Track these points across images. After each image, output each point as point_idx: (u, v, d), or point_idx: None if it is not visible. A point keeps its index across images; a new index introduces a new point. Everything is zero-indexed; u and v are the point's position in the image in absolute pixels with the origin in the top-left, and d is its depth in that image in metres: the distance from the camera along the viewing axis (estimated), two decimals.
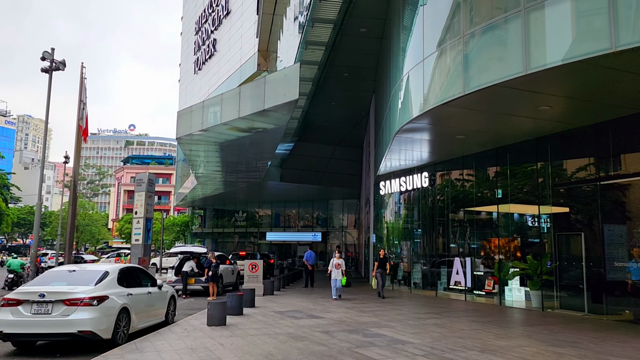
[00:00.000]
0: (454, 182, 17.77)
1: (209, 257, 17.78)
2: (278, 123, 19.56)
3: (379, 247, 20.44)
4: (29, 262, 33.94)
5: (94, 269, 9.18)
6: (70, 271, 9.15)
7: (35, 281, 9.08)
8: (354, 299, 16.13)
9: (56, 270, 9.35)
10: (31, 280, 25.20)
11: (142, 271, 10.69)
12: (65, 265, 9.85)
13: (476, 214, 16.81)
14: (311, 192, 41.11)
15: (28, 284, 8.86)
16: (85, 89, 27.64)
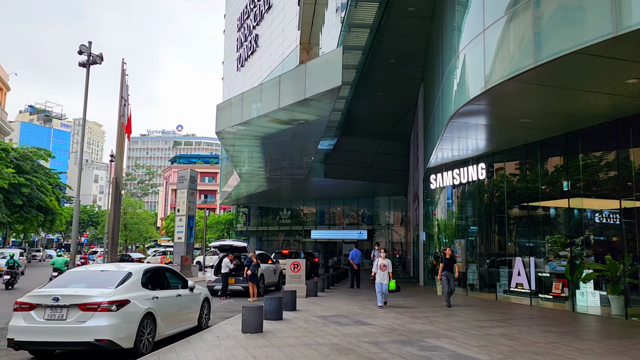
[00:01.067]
0: (514, 174, 16.09)
1: (249, 255, 16.88)
2: (320, 114, 18.40)
3: (444, 245, 18.92)
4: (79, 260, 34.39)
5: (117, 269, 8.31)
6: (92, 272, 8.33)
7: (53, 283, 8.30)
8: (404, 303, 14.76)
9: (77, 271, 8.55)
10: None
11: (172, 272, 9.78)
12: (89, 266, 9.04)
13: (541, 209, 15.09)
14: (356, 188, 39.80)
15: (45, 286, 8.08)
16: (126, 86, 27.43)
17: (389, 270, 13.37)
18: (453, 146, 15.33)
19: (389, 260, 13.63)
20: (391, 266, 13.53)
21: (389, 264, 13.48)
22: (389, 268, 13.39)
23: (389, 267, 13.40)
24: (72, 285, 7.71)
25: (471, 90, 10.70)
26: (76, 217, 17.44)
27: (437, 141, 14.86)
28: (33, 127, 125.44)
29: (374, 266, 13.59)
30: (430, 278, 21.07)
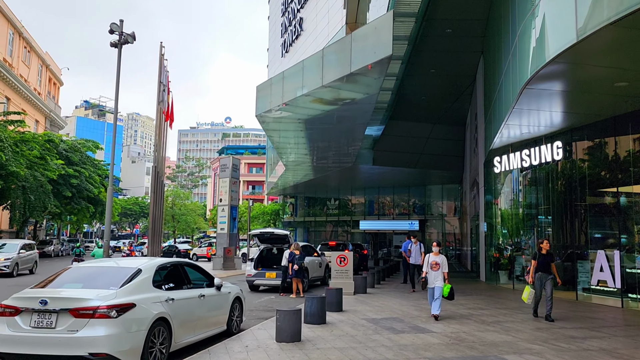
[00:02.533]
0: (596, 154, 13.76)
1: (291, 249, 15.39)
2: (368, 91, 16.64)
3: (541, 237, 16.50)
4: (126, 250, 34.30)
5: (125, 265, 6.92)
6: (97, 269, 6.98)
7: (55, 282, 6.99)
8: (468, 303, 12.83)
9: (80, 268, 7.21)
10: None
11: (194, 267, 8.33)
12: (92, 261, 7.71)
13: (631, 196, 12.74)
14: (407, 176, 37.70)
15: (36, 285, 6.78)
16: (166, 71, 26.50)
17: (444, 270, 10.13)
18: (523, 121, 13.17)
19: (444, 257, 10.33)
20: (446, 264, 10.26)
21: (443, 262, 10.20)
22: (444, 267, 10.16)
23: (443, 265, 10.16)
24: (67, 285, 6.38)
25: (553, 47, 8.64)
26: (109, 207, 16.48)
27: (505, 116, 12.77)
28: (88, 122, 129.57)
29: (425, 264, 10.46)
30: (493, 273, 18.94)
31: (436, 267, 10.10)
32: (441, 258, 10.23)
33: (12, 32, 49.69)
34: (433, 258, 10.20)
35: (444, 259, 10.25)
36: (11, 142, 27.52)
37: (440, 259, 10.18)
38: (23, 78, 51.24)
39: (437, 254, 10.35)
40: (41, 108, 54.89)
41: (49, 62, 60.11)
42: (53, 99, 62.66)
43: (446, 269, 10.16)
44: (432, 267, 10.14)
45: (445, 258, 10.31)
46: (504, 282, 17.86)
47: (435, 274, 10.09)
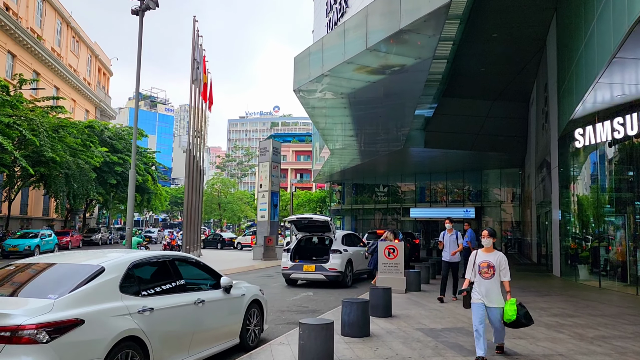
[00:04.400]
0: None
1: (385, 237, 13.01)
2: (421, 55, 14.21)
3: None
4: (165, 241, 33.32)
5: (86, 262, 5.00)
6: (50, 266, 5.07)
7: None
8: (549, 307, 10.32)
9: (27, 263, 5.30)
10: None
11: (193, 264, 6.37)
12: (46, 255, 5.76)
13: None
14: (461, 160, 34.70)
15: None
16: (201, 49, 24.88)
17: (505, 278, 6.14)
18: (625, 77, 10.41)
19: (502, 256, 6.25)
20: (507, 267, 6.19)
21: (500, 263, 6.16)
22: (504, 273, 6.14)
23: (501, 269, 6.15)
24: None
25: None
26: (131, 191, 14.94)
27: (598, 73, 10.09)
28: (140, 112, 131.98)
29: (469, 268, 6.28)
30: (571, 267, 16.17)
31: (489, 272, 6.06)
32: (497, 257, 6.16)
33: (60, 22, 49.91)
34: (483, 257, 6.16)
35: (503, 259, 6.15)
36: (48, 128, 26.78)
37: (495, 258, 6.13)
38: (72, 68, 51.55)
39: (491, 249, 6.26)
40: (91, 98, 55.22)
41: (97, 52, 60.46)
42: (103, 89, 63.15)
43: (508, 275, 6.09)
44: (483, 272, 6.07)
45: (505, 257, 6.21)
46: (584, 278, 15.09)
47: (489, 283, 6.03)
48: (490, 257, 6.17)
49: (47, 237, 27.11)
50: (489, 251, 6.25)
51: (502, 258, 6.17)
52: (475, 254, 6.27)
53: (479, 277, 6.09)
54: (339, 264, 13.89)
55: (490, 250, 6.25)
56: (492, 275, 6.06)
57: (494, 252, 6.25)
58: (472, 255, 6.29)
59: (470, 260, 6.28)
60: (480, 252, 6.28)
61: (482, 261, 6.13)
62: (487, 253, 6.23)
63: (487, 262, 6.11)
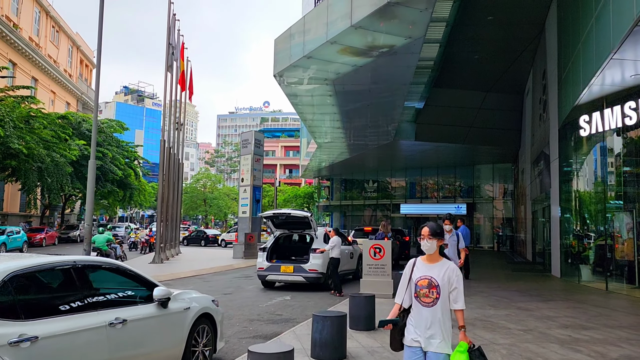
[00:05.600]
0: None
1: (381, 231, 12.16)
2: (411, 34, 12.89)
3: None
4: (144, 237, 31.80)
5: None
6: None
7: None
8: (555, 315, 9.05)
9: None
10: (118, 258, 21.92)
11: (115, 271, 4.96)
12: None
13: None
14: (452, 154, 33.53)
15: None
16: (179, 33, 23.36)
17: (458, 306, 3.61)
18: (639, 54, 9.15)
19: (454, 268, 3.67)
20: (461, 289, 3.62)
21: (451, 281, 3.61)
22: (456, 298, 3.60)
23: (452, 290, 3.61)
24: None
25: None
26: (91, 184, 13.50)
27: (615, 47, 8.81)
28: (127, 107, 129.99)
29: (401, 288, 3.78)
30: (572, 267, 14.97)
31: (430, 295, 3.60)
32: (445, 270, 3.64)
33: (39, 11, 47.96)
34: (423, 271, 3.69)
35: (454, 273, 3.64)
36: (15, 118, 25.16)
37: (442, 273, 3.63)
38: (52, 59, 49.63)
39: (435, 257, 3.72)
40: (72, 90, 53.33)
41: (79, 43, 58.49)
42: (85, 81, 61.21)
43: (461, 301, 3.61)
44: (422, 294, 3.62)
45: (458, 271, 3.70)
46: (588, 280, 13.89)
47: (430, 313, 3.59)
48: (433, 270, 3.62)
49: (14, 235, 25.48)
50: (432, 261, 3.67)
51: (452, 272, 3.60)
52: (413, 265, 3.75)
53: (416, 303, 3.61)
54: (320, 265, 12.56)
55: (435, 260, 3.67)
56: (436, 301, 3.55)
57: (441, 262, 3.68)
58: (408, 267, 3.77)
59: (405, 274, 3.77)
60: (419, 261, 3.73)
61: (420, 277, 3.62)
62: (430, 264, 3.66)
63: (429, 280, 3.58)
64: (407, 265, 3.81)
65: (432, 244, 3.64)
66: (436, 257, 3.69)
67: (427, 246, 3.66)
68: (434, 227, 3.70)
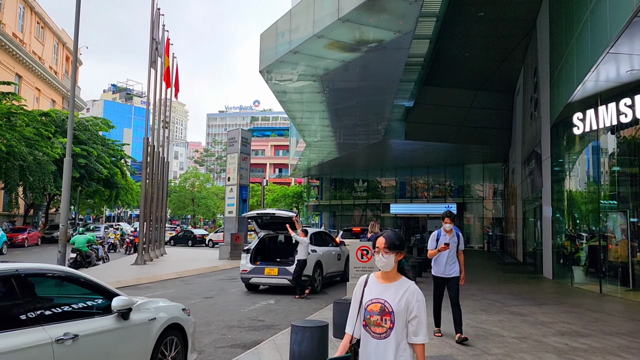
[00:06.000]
0: None
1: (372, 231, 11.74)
2: (401, 28, 12.47)
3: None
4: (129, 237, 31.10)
5: None
6: None
7: None
8: (549, 321, 8.67)
9: None
10: (98, 260, 21.29)
11: (65, 280, 4.45)
12: None
13: None
14: (443, 153, 33.23)
15: None
16: (164, 28, 22.79)
17: (418, 340, 2.79)
18: (635, 47, 8.78)
19: (414, 290, 2.85)
20: (423, 317, 2.80)
21: (410, 306, 2.80)
22: (417, 329, 2.79)
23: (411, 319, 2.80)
24: None
25: None
26: (66, 181, 12.92)
27: (612, 40, 8.44)
28: (115, 105, 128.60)
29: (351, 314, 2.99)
30: (565, 268, 14.64)
31: (383, 324, 2.79)
32: (403, 294, 2.83)
33: (23, 6, 46.99)
34: (376, 292, 2.89)
35: (414, 297, 2.82)
36: None
37: (398, 297, 2.82)
38: (36, 55, 48.68)
39: (392, 276, 2.93)
40: (57, 87, 52.38)
41: (65, 39, 57.46)
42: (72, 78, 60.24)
43: (422, 333, 2.79)
44: (372, 323, 2.82)
45: (419, 293, 2.86)
46: (580, 281, 13.57)
47: (382, 347, 2.78)
48: (388, 292, 2.85)
49: None
50: (387, 279, 2.90)
51: (412, 296, 2.81)
52: (364, 284, 2.97)
53: (365, 334, 2.85)
54: None
55: (391, 278, 2.90)
56: (389, 332, 2.76)
57: (399, 282, 2.88)
58: (359, 286, 2.99)
59: (355, 295, 2.99)
60: (372, 280, 2.97)
61: (372, 300, 2.86)
62: (385, 283, 2.90)
63: (381, 304, 2.81)
64: (357, 283, 3.01)
65: (388, 260, 2.86)
66: (393, 276, 2.90)
67: (383, 262, 2.86)
68: (392, 237, 2.92)
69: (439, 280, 7.30)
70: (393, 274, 2.91)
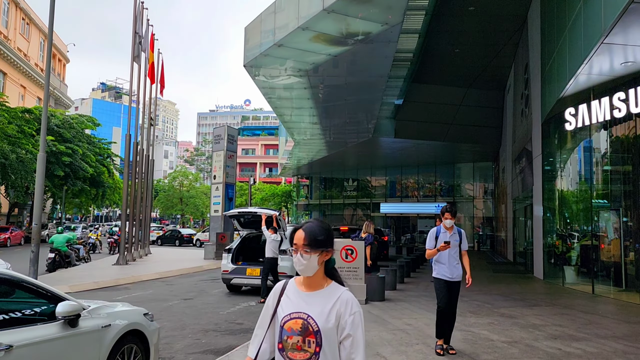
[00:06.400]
0: None
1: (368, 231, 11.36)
2: (388, 20, 12.07)
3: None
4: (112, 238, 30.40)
5: None
6: None
7: None
8: (543, 323, 8.30)
9: None
10: (78, 260, 20.69)
11: (5, 283, 3.99)
12: None
13: None
14: (433, 152, 32.90)
15: None
16: (148, 23, 22.24)
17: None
18: (629, 38, 8.43)
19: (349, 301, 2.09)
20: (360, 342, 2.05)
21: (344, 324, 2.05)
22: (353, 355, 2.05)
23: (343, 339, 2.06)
24: None
25: None
26: (39, 179, 12.35)
27: (606, 29, 8.08)
28: (104, 104, 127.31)
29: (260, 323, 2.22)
30: (556, 268, 14.31)
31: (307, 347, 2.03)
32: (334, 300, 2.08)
33: (7, 2, 46.10)
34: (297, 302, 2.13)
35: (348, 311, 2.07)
36: None
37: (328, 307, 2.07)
38: (22, 52, 47.79)
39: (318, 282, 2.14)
40: (43, 84, 51.48)
41: None
42: (58, 76, 59.26)
43: (359, 352, 2.04)
44: (289, 346, 2.05)
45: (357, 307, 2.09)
46: (572, 282, 13.24)
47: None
48: (312, 304, 2.10)
49: None
50: (311, 287, 2.14)
51: (345, 307, 2.08)
52: (280, 292, 2.20)
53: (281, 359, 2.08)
54: (289, 267, 11.64)
55: (316, 285, 2.14)
56: (315, 357, 2.02)
57: (328, 289, 2.14)
58: (274, 294, 2.21)
59: (267, 307, 2.21)
60: (292, 286, 2.20)
61: (290, 315, 2.10)
62: (308, 292, 2.14)
63: (303, 321, 2.07)
64: (272, 291, 2.22)
65: (310, 261, 2.06)
66: (319, 281, 2.12)
67: (302, 264, 2.06)
68: (315, 230, 2.10)
69: (442, 283, 6.35)
70: (318, 279, 2.12)
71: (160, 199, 55.90)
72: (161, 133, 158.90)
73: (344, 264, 9.95)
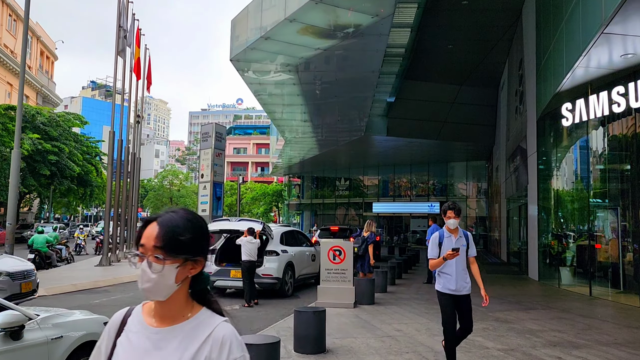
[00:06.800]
0: None
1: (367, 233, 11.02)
2: (379, 12, 11.61)
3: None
4: None
5: None
6: None
7: None
8: (540, 328, 7.86)
9: None
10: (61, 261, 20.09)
11: None
12: None
13: None
14: (426, 151, 32.51)
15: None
16: (134, 17, 21.66)
17: None
18: (629, 28, 8.01)
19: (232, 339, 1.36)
20: None
21: None
22: None
23: None
24: None
25: None
26: (14, 179, 11.79)
27: (608, 17, 7.65)
28: (94, 102, 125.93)
29: None
30: (552, 269, 13.92)
31: None
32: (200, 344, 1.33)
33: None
34: (141, 348, 1.35)
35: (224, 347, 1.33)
36: None
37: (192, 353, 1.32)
38: (8, 49, 46.93)
39: (167, 313, 1.38)
40: (31, 82, 50.57)
41: (39, 33, 55.62)
42: (46, 73, 58.36)
43: None
44: None
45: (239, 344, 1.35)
46: (568, 283, 12.84)
47: None
48: (165, 348, 1.33)
49: None
50: (166, 319, 1.38)
51: (221, 352, 1.33)
52: (117, 330, 1.43)
53: None
54: (275, 269, 11.18)
55: (175, 317, 1.38)
56: None
57: (194, 320, 1.38)
58: (107, 334, 1.46)
59: (99, 348, 1.47)
60: (136, 319, 1.42)
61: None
62: (161, 327, 1.37)
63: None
64: (107, 326, 1.46)
65: (162, 276, 1.32)
66: (178, 310, 1.38)
67: (150, 280, 1.31)
68: (177, 224, 1.35)
69: (448, 298, 5.27)
70: (178, 307, 1.38)
71: (150, 199, 55.19)
72: (152, 132, 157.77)
73: (331, 266, 9.48)
